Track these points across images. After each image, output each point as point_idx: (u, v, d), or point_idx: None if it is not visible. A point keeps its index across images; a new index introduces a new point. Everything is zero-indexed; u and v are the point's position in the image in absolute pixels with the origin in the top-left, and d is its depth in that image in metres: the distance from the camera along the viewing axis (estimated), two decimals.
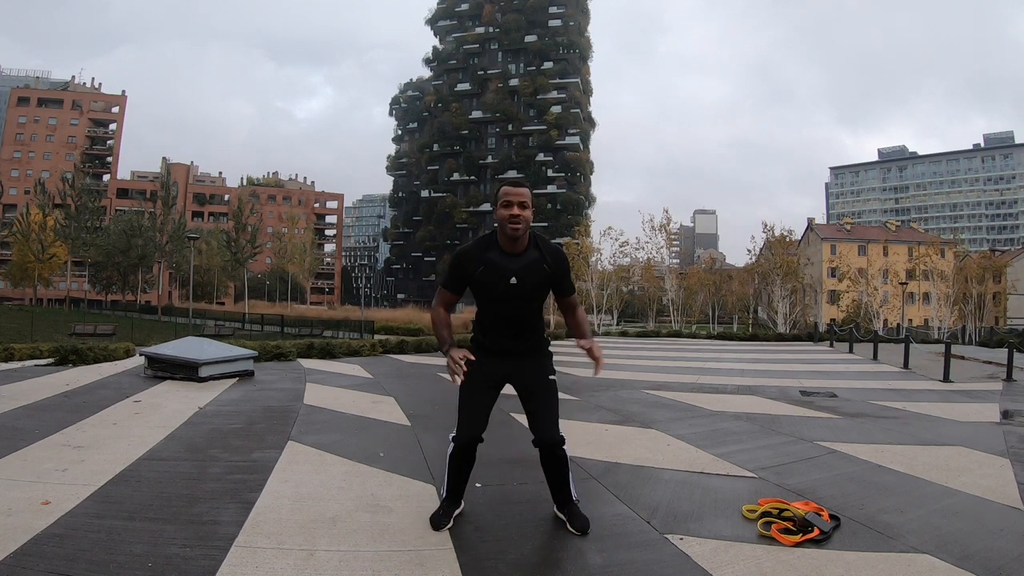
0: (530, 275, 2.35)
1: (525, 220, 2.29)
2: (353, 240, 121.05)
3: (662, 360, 12.14)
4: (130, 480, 2.93)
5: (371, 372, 8.04)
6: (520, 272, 2.34)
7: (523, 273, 2.34)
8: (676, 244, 68.42)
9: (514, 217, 2.27)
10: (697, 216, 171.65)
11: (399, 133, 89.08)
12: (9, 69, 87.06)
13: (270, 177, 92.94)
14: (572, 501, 2.52)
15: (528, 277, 2.35)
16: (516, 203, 2.28)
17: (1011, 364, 8.82)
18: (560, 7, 79.29)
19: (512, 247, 2.34)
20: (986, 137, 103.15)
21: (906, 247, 50.74)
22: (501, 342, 2.45)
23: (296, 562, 2.09)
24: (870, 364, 11.33)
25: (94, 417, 4.39)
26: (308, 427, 4.30)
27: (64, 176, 53.58)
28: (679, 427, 4.53)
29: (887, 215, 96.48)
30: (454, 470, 2.50)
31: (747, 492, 2.91)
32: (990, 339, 22.31)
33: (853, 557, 2.19)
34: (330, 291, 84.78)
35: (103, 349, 8.40)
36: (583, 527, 2.42)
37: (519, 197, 2.29)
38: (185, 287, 51.16)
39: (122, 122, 76.28)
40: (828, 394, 6.60)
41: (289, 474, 3.11)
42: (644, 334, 25.89)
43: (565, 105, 76.43)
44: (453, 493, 2.55)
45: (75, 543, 2.16)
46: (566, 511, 2.51)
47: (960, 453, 3.80)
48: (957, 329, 35.63)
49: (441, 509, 2.51)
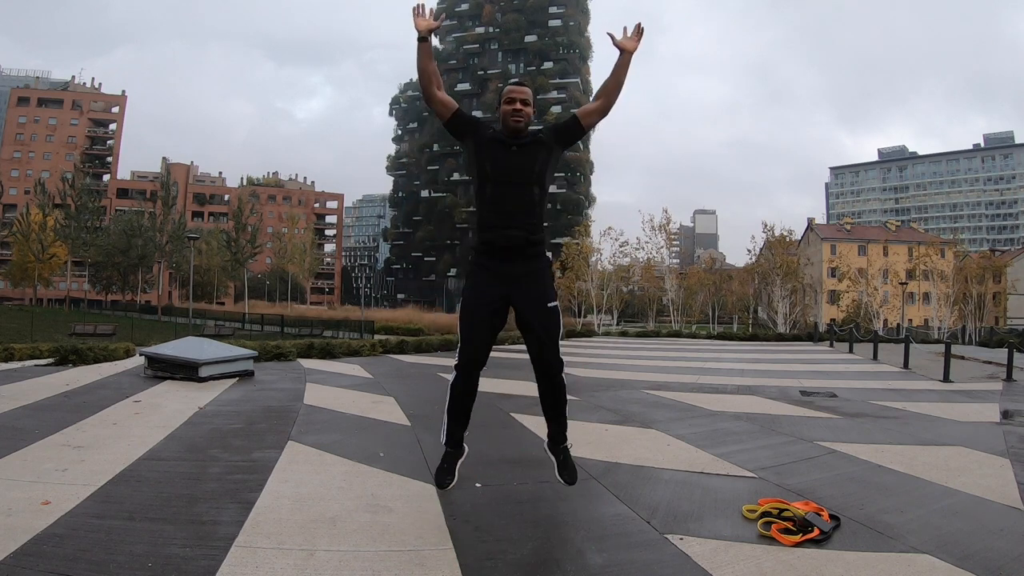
0: (530, 147, 2.47)
1: (526, 115, 2.46)
2: (353, 240, 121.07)
3: (662, 360, 12.14)
4: (130, 480, 2.92)
5: (371, 372, 8.03)
6: (521, 144, 2.46)
7: (524, 145, 2.46)
8: (676, 244, 68.32)
9: (516, 111, 2.45)
10: (697, 216, 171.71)
11: (399, 133, 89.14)
12: (9, 69, 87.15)
13: (270, 177, 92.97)
14: (565, 443, 2.54)
15: (529, 148, 2.46)
16: (519, 99, 2.46)
17: (1011, 364, 8.81)
18: (560, 7, 79.36)
19: (514, 137, 2.48)
20: (986, 137, 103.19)
21: (906, 247, 50.79)
22: (502, 237, 2.42)
23: (296, 562, 2.09)
24: (870, 364, 11.33)
25: (94, 417, 4.38)
26: (308, 427, 4.30)
27: (64, 176, 53.65)
28: (679, 427, 4.53)
29: (887, 215, 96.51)
30: (455, 402, 2.47)
31: (747, 492, 2.91)
32: (990, 339, 22.33)
33: (853, 557, 2.19)
34: (330, 291, 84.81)
35: (103, 349, 8.39)
36: (572, 477, 2.46)
37: (521, 94, 2.48)
38: (185, 287, 51.16)
39: (122, 122, 76.38)
40: (828, 394, 6.60)
41: (289, 474, 3.10)
42: (644, 334, 25.90)
43: (565, 105, 76.36)
44: (453, 435, 2.51)
45: (75, 543, 2.16)
46: (558, 452, 2.52)
47: (960, 453, 3.80)
48: (957, 329, 35.65)
49: (444, 461, 2.47)
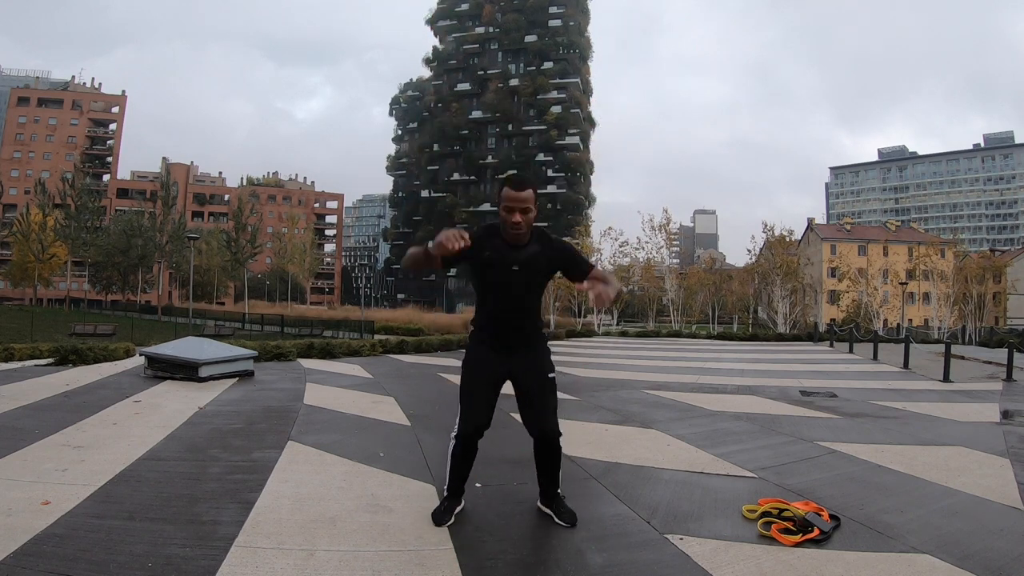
0: (531, 263, 2.39)
1: (527, 224, 2.33)
2: (353, 240, 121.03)
3: (662, 360, 12.14)
4: (130, 480, 2.93)
5: (371, 372, 8.04)
6: (522, 261, 2.38)
7: (525, 261, 2.38)
8: (676, 244, 68.31)
9: (516, 224, 2.32)
10: (697, 216, 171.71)
11: (399, 133, 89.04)
12: (9, 69, 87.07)
13: (270, 177, 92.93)
14: (558, 495, 2.57)
15: (530, 264, 2.38)
16: (518, 210, 2.30)
17: (1011, 364, 8.81)
18: (560, 7, 79.25)
19: (515, 241, 2.39)
20: (986, 137, 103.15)
21: (906, 247, 50.74)
22: (501, 334, 2.47)
23: (296, 562, 2.09)
24: (870, 364, 11.33)
25: (94, 417, 4.38)
26: (308, 427, 4.30)
27: (64, 176, 53.60)
28: (679, 427, 4.53)
29: (887, 215, 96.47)
30: (456, 464, 2.52)
31: (747, 492, 2.91)
32: (990, 339, 22.33)
33: (853, 557, 2.19)
34: (330, 291, 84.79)
35: (103, 349, 8.39)
36: (572, 520, 2.48)
37: (521, 204, 2.29)
38: (185, 287, 51.16)
39: (122, 122, 76.31)
40: (828, 394, 6.60)
41: (289, 474, 3.11)
42: (644, 334, 25.90)
43: (565, 105, 76.39)
44: (454, 490, 2.57)
45: (75, 543, 2.16)
46: (553, 506, 2.55)
47: (960, 453, 3.80)
48: (957, 329, 35.61)
49: (443, 505, 2.54)
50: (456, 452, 2.51)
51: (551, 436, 2.46)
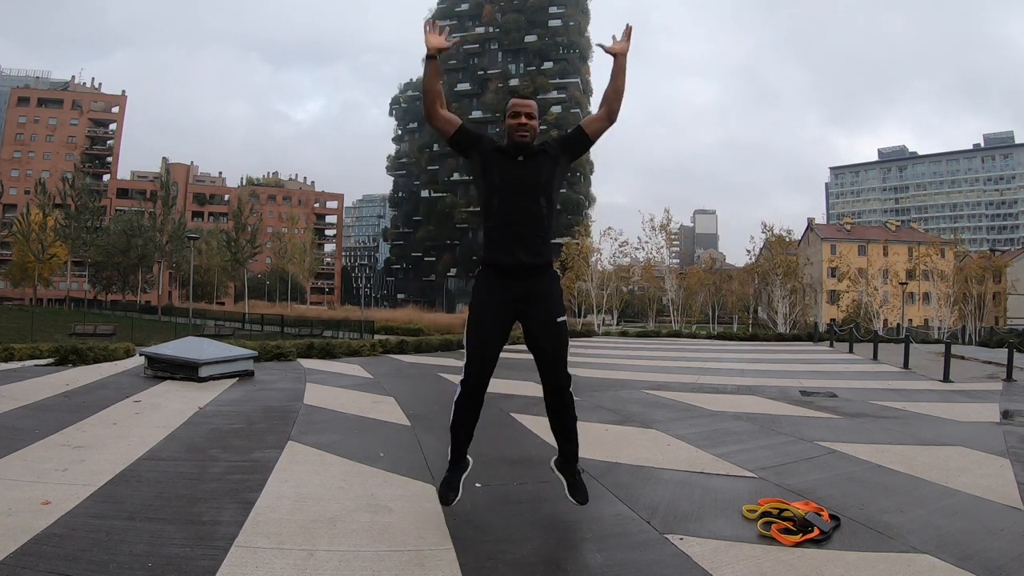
0: (537, 158, 2.44)
1: (531, 128, 2.42)
2: (353, 240, 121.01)
3: (662, 360, 12.14)
4: (130, 480, 2.93)
5: (371, 372, 8.03)
6: (527, 152, 2.43)
7: (530, 153, 2.44)
8: (676, 244, 68.32)
9: (521, 125, 2.41)
10: (697, 216, 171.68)
11: (399, 133, 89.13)
12: (9, 69, 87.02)
13: (270, 177, 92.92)
14: (575, 462, 2.50)
15: (535, 159, 2.43)
16: (523, 113, 2.42)
17: (1011, 364, 8.81)
18: (560, 7, 79.34)
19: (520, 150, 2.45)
20: (986, 137, 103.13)
21: (906, 247, 50.77)
22: (510, 250, 2.39)
23: (296, 562, 2.09)
24: (870, 364, 11.32)
25: (94, 417, 4.38)
26: (308, 427, 4.30)
27: (64, 176, 53.61)
28: (679, 427, 4.53)
29: (887, 215, 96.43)
30: (459, 418, 2.43)
31: (747, 492, 2.91)
32: (990, 339, 22.33)
33: (853, 557, 2.19)
34: (330, 291, 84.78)
35: (103, 349, 8.39)
36: (583, 497, 2.42)
37: (526, 108, 2.43)
38: (185, 287, 51.15)
39: (122, 122, 76.35)
40: (828, 394, 6.60)
41: (289, 474, 3.10)
42: (644, 334, 25.90)
43: (565, 105, 76.40)
44: (457, 452, 2.46)
45: (75, 543, 2.16)
46: (567, 474, 2.48)
47: (960, 453, 3.80)
48: (957, 329, 35.64)
49: (447, 476, 2.44)
50: (461, 400, 2.39)
51: (558, 385, 2.42)
